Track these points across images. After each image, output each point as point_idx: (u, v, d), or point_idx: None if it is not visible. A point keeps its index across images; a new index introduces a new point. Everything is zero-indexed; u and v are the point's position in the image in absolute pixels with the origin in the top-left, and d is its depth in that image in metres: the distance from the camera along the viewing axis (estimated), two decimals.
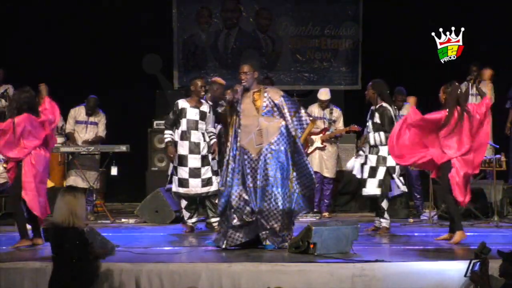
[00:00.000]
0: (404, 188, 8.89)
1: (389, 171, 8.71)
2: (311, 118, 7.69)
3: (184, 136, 9.03)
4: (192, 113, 9.03)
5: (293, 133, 7.50)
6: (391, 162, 8.65)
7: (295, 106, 7.65)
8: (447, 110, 7.88)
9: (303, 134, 7.59)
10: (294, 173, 7.51)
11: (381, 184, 8.68)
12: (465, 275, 6.06)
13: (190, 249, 7.65)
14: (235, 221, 7.43)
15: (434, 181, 9.67)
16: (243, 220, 7.43)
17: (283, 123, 7.53)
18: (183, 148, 9.03)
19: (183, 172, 8.99)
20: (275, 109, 7.55)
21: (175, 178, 9.07)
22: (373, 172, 8.72)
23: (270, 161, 7.42)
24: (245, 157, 7.49)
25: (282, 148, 7.48)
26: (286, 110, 7.53)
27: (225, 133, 7.90)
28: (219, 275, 6.49)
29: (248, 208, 7.44)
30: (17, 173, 7.78)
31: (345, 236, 7.21)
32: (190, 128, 9.02)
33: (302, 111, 7.65)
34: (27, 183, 7.73)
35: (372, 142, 8.75)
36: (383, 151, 8.70)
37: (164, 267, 6.60)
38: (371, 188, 8.73)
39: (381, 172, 8.69)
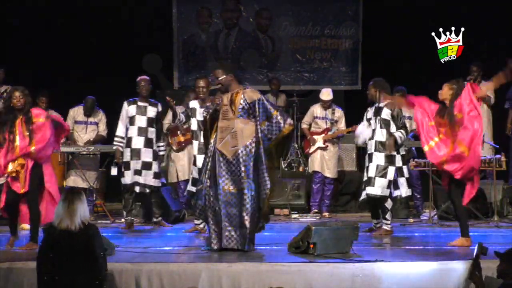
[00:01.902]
0: (409, 192, 8.76)
1: (398, 171, 8.59)
2: (288, 122, 7.34)
3: (194, 136, 8.93)
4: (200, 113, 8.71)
5: (261, 138, 7.31)
6: (398, 162, 8.58)
7: (271, 110, 7.36)
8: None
9: (274, 139, 7.33)
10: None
11: (390, 185, 8.52)
12: (469, 278, 6.09)
13: (190, 249, 7.65)
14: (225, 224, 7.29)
15: (435, 182, 9.67)
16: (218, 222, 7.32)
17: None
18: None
19: (195, 172, 8.88)
20: (250, 111, 7.35)
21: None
22: (383, 171, 8.50)
23: (246, 164, 7.27)
24: (220, 159, 7.33)
25: (259, 151, 7.32)
26: (259, 113, 7.31)
27: (205, 136, 7.69)
28: (219, 275, 6.48)
29: (219, 210, 7.28)
30: (38, 172, 7.65)
31: (345, 236, 7.20)
32: (199, 128, 8.89)
33: (279, 116, 7.34)
34: (52, 175, 7.75)
35: (400, 141, 8.54)
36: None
37: (164, 267, 6.59)
38: (379, 188, 8.50)
39: (391, 172, 8.52)
